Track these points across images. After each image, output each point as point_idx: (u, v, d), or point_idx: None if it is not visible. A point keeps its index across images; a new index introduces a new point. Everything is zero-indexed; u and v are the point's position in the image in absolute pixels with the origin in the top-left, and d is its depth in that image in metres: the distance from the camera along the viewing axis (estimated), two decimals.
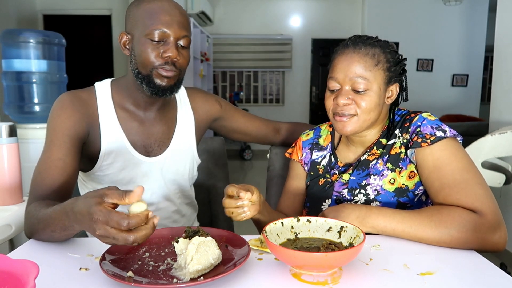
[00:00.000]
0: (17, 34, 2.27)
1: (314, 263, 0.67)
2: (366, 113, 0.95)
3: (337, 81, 0.97)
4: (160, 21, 0.99)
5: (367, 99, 0.95)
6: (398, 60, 0.99)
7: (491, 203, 0.84)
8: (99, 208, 0.66)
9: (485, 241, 0.81)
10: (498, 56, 2.70)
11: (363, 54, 0.95)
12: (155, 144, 1.13)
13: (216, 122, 1.29)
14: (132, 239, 0.65)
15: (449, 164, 0.89)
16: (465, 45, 6.54)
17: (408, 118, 0.99)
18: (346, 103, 0.95)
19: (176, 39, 1.01)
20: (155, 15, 1.00)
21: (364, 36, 0.99)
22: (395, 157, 0.98)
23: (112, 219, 0.65)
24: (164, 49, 1.00)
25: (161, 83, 1.02)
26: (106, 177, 1.10)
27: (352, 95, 0.95)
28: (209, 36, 6.21)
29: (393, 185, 0.97)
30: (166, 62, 1.00)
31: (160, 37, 0.99)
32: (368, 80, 0.94)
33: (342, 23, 6.84)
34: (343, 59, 0.96)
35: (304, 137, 1.16)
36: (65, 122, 1.01)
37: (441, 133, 0.92)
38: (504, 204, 2.51)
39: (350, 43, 0.98)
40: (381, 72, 0.96)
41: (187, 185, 1.23)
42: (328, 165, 1.09)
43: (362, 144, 1.05)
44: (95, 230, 0.67)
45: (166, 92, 1.04)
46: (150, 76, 1.01)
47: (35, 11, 5.75)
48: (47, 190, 0.95)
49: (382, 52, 0.96)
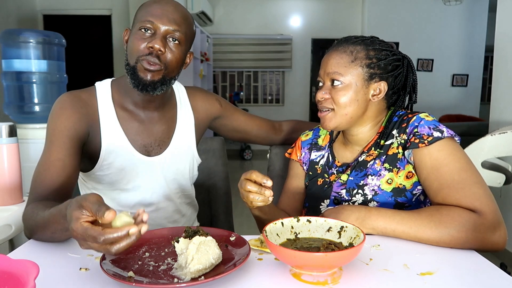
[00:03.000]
0: (17, 34, 2.27)
1: (314, 263, 0.67)
2: (342, 107, 0.99)
3: (320, 77, 1.03)
4: (150, 13, 1.01)
5: (341, 93, 0.98)
6: (383, 57, 0.99)
7: (490, 203, 0.84)
8: (76, 225, 0.65)
9: (485, 241, 0.81)
10: (498, 56, 2.70)
11: (341, 51, 1.00)
12: (155, 143, 1.13)
13: (216, 121, 1.29)
14: (114, 250, 0.63)
15: (447, 165, 0.89)
16: (465, 45, 6.54)
17: (405, 119, 0.99)
18: (323, 98, 1.00)
19: (165, 32, 1.01)
20: (148, 7, 1.02)
21: (352, 36, 1.04)
22: (392, 157, 0.98)
23: (88, 235, 0.63)
24: (149, 40, 1.00)
25: (144, 77, 1.00)
26: (106, 176, 1.10)
27: (330, 90, 1.00)
28: (209, 36, 6.21)
29: (390, 185, 0.97)
30: (150, 52, 1.00)
31: (148, 27, 1.00)
32: (342, 76, 0.98)
33: (342, 23, 6.84)
34: (325, 57, 1.03)
35: (304, 137, 1.17)
36: (65, 123, 1.01)
37: (439, 134, 0.92)
38: (504, 204, 2.51)
39: (335, 42, 1.04)
40: (358, 68, 0.98)
41: (187, 184, 1.23)
42: (326, 164, 1.10)
43: (357, 143, 1.06)
44: (79, 244, 0.66)
45: (148, 87, 1.01)
46: (135, 68, 1.01)
47: (35, 11, 5.75)
48: (47, 190, 0.95)
49: (363, 49, 0.99)
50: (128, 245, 0.64)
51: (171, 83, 1.08)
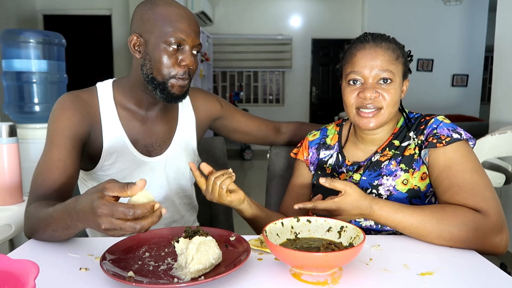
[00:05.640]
0: (17, 34, 2.27)
1: (314, 263, 0.67)
2: (391, 106, 0.97)
3: (361, 75, 0.97)
4: (179, 29, 1.00)
5: (393, 92, 0.97)
6: (408, 56, 1.03)
7: (497, 206, 0.84)
8: (102, 202, 0.67)
9: (486, 242, 0.81)
10: (498, 56, 2.70)
11: (385, 48, 0.97)
12: (156, 143, 1.13)
13: (217, 121, 1.29)
14: (139, 226, 0.66)
15: (461, 164, 0.90)
16: (465, 45, 6.54)
17: (423, 121, 1.00)
18: (373, 97, 0.96)
19: (192, 47, 1.02)
20: (175, 22, 1.00)
21: (378, 33, 1.02)
22: (408, 158, 0.99)
23: (118, 210, 0.65)
24: (181, 57, 1.01)
25: (176, 92, 1.03)
26: (107, 176, 1.10)
27: (378, 89, 0.96)
28: (209, 36, 6.21)
29: (406, 186, 0.97)
30: (184, 71, 1.02)
31: (178, 45, 1.00)
32: (392, 73, 0.96)
33: (342, 23, 6.84)
34: (365, 53, 0.97)
35: (311, 137, 1.17)
36: (65, 123, 1.01)
37: (457, 135, 0.93)
38: (504, 204, 2.50)
39: (369, 38, 0.99)
40: (401, 66, 0.99)
41: (188, 184, 1.23)
42: (336, 164, 1.09)
43: (372, 142, 1.05)
44: (100, 225, 0.67)
45: (179, 100, 1.06)
46: (165, 84, 1.02)
47: (35, 11, 5.75)
48: (48, 190, 0.95)
49: (397, 47, 1.00)
50: (151, 224, 0.67)
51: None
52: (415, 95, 6.33)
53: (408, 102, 1.06)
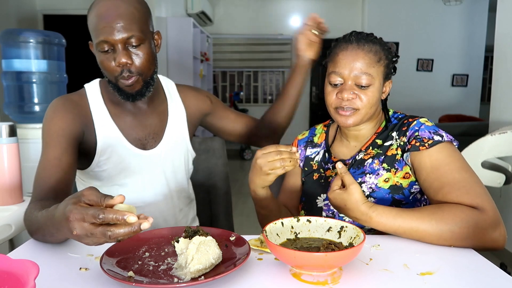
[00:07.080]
0: (17, 34, 2.27)
1: (314, 263, 0.67)
2: (368, 107, 0.99)
3: (341, 76, 0.99)
4: (100, 31, 0.98)
5: (370, 94, 0.98)
6: (392, 57, 1.03)
7: (490, 201, 0.85)
8: (75, 206, 0.64)
9: (486, 238, 0.81)
10: (498, 56, 2.70)
11: (367, 50, 0.98)
12: (150, 136, 1.15)
13: (207, 117, 1.30)
14: (109, 233, 0.61)
15: (448, 164, 0.91)
16: (465, 45, 6.53)
17: (406, 122, 1.02)
18: (350, 98, 0.98)
19: (122, 43, 0.99)
20: (97, 25, 0.99)
21: (364, 33, 1.02)
22: (391, 158, 1.00)
23: (88, 214, 0.62)
24: (114, 56, 1.00)
25: (128, 91, 1.05)
26: (104, 172, 1.11)
27: (356, 90, 0.98)
28: (209, 36, 6.21)
29: (387, 183, 0.99)
30: (122, 70, 1.01)
31: (106, 47, 0.99)
32: (371, 76, 0.97)
33: (342, 23, 6.81)
34: (347, 54, 0.98)
35: (300, 136, 1.21)
36: (58, 124, 1.03)
37: (439, 137, 0.95)
38: (504, 204, 2.51)
39: (353, 39, 1.00)
40: (382, 68, 0.99)
41: (183, 177, 1.24)
42: (322, 160, 1.12)
43: (355, 139, 1.07)
44: (72, 230, 0.63)
45: (136, 97, 1.07)
46: (117, 85, 1.04)
47: (35, 11, 5.75)
48: (46, 189, 0.96)
49: (381, 49, 1.00)
50: (125, 234, 0.62)
51: (154, 79, 1.10)
52: (415, 95, 6.33)
53: (408, 102, 1.07)
